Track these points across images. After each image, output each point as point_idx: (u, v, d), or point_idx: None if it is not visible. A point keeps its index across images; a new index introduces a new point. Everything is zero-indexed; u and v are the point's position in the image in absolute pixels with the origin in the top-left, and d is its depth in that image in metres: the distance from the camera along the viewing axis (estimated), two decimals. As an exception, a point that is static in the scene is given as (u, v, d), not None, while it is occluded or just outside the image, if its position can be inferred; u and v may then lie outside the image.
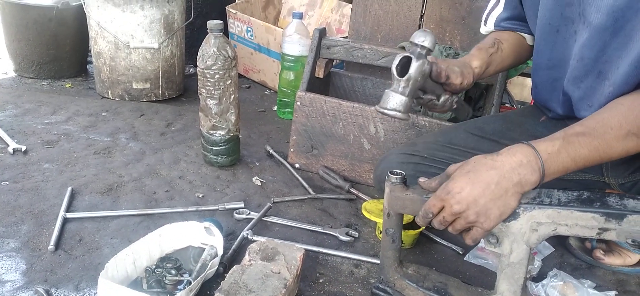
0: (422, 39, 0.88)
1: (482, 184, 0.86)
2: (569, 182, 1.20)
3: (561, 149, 0.87)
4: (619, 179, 1.16)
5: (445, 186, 0.90)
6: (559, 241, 1.41)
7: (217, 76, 1.54)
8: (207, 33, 1.53)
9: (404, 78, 0.89)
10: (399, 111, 0.92)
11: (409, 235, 1.31)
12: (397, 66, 0.89)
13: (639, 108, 0.89)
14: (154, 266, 1.11)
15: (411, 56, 0.88)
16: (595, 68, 1.01)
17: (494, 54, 1.21)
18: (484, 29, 1.33)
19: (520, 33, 1.27)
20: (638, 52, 0.90)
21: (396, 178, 0.97)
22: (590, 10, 0.97)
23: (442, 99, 1.05)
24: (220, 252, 1.14)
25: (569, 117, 1.16)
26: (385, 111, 0.92)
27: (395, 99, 0.91)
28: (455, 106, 1.11)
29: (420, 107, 1.68)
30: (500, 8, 1.27)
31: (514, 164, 0.86)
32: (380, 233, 1.33)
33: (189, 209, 1.41)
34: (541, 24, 1.12)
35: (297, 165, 1.76)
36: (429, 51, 0.90)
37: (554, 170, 0.87)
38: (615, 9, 0.92)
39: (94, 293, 1.07)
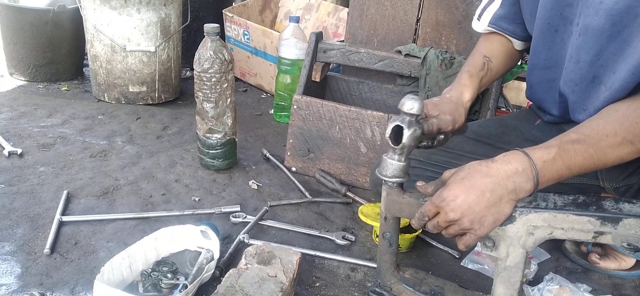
0: (410, 106, 0.91)
1: (477, 192, 0.86)
2: (565, 186, 1.21)
3: (556, 157, 0.87)
4: (614, 183, 1.16)
5: (440, 193, 0.90)
6: (554, 245, 1.42)
7: (213, 80, 1.54)
8: (204, 36, 1.53)
9: (398, 147, 0.93)
10: (400, 177, 0.96)
11: (405, 239, 1.31)
12: (390, 135, 0.92)
13: (633, 115, 0.89)
14: (150, 270, 1.10)
15: (402, 125, 0.90)
16: (591, 72, 1.00)
17: (484, 77, 1.21)
18: (476, 24, 1.30)
19: (510, 37, 1.26)
20: (638, 58, 0.90)
21: (393, 182, 0.97)
22: (588, 13, 0.96)
23: (437, 140, 1.07)
24: (217, 256, 1.14)
25: (564, 119, 1.16)
26: (386, 179, 0.97)
27: (393, 167, 0.96)
28: (450, 137, 1.12)
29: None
30: (496, 4, 1.25)
31: (509, 172, 0.86)
32: (377, 236, 1.33)
33: (185, 212, 1.41)
34: (539, 23, 1.12)
35: (293, 169, 1.76)
36: (418, 116, 0.93)
37: (549, 178, 0.87)
38: (614, 13, 0.91)
39: (90, 297, 1.07)
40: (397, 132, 0.92)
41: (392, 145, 0.93)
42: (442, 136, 1.06)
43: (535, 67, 1.18)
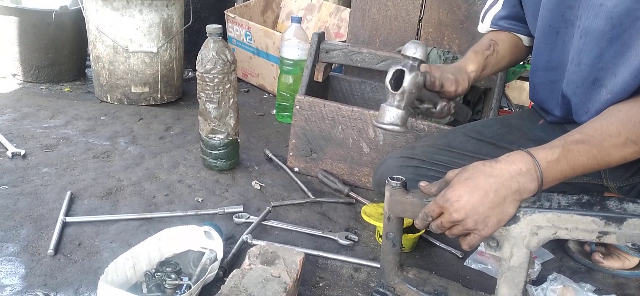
0: (413, 50, 0.88)
1: (481, 192, 0.86)
2: (568, 185, 1.21)
3: (560, 158, 0.87)
4: (618, 183, 1.16)
5: (443, 194, 0.90)
6: (558, 245, 1.42)
7: (216, 80, 1.54)
8: (206, 37, 1.54)
9: (398, 92, 0.90)
10: (397, 125, 0.92)
11: (408, 239, 1.31)
12: (391, 79, 0.90)
13: (636, 115, 0.89)
14: (153, 271, 1.10)
15: (404, 68, 0.89)
16: (591, 75, 1.00)
17: (490, 56, 1.20)
18: (481, 27, 1.32)
19: (517, 34, 1.26)
20: (639, 60, 0.90)
21: (396, 182, 0.97)
22: (588, 15, 0.97)
23: (439, 106, 1.05)
24: (220, 256, 1.14)
25: (567, 120, 1.16)
26: (383, 126, 0.93)
27: (391, 114, 0.92)
28: (453, 111, 1.11)
29: (418, 114, 1.69)
30: (498, 6, 1.26)
31: (513, 172, 0.86)
32: (380, 236, 1.33)
33: (188, 213, 1.41)
34: (541, 25, 1.12)
35: (296, 169, 1.76)
36: (421, 62, 0.91)
37: (553, 178, 0.87)
38: (614, 16, 0.91)
39: (94, 298, 1.07)
40: (398, 78, 0.90)
41: (391, 90, 0.91)
42: (443, 102, 1.05)
43: (538, 68, 1.18)
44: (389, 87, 0.90)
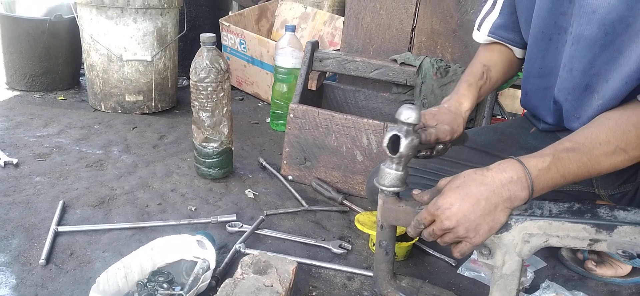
0: (408, 116, 0.91)
1: (472, 200, 0.86)
2: (560, 193, 1.21)
3: (551, 166, 0.87)
4: (609, 190, 1.17)
5: (435, 201, 0.90)
6: (551, 253, 1.42)
7: (210, 89, 1.54)
8: (200, 46, 1.54)
9: (396, 156, 0.93)
10: (398, 187, 0.96)
11: (401, 247, 1.31)
12: (388, 143, 0.92)
13: (626, 123, 0.89)
14: (145, 280, 1.10)
15: (399, 134, 0.90)
16: (583, 81, 1.01)
17: (483, 86, 1.20)
18: (476, 35, 1.31)
19: (511, 46, 1.27)
20: (631, 67, 0.90)
21: (392, 190, 0.97)
22: (581, 22, 0.97)
23: (435, 150, 1.06)
24: (213, 265, 1.14)
25: (559, 127, 1.16)
26: (384, 189, 0.97)
27: (391, 176, 0.96)
28: (449, 147, 1.11)
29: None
30: (495, 13, 1.25)
31: (504, 180, 0.86)
32: (374, 245, 1.33)
33: (181, 222, 1.40)
34: (534, 32, 1.12)
35: (290, 177, 1.76)
36: (415, 125, 0.93)
37: (544, 186, 0.88)
38: (607, 22, 0.92)
39: (85, 308, 1.06)
40: (395, 141, 0.92)
41: (389, 154, 0.93)
42: (441, 146, 1.06)
43: (530, 74, 1.19)
44: (387, 151, 0.93)
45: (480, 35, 1.29)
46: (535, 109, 1.24)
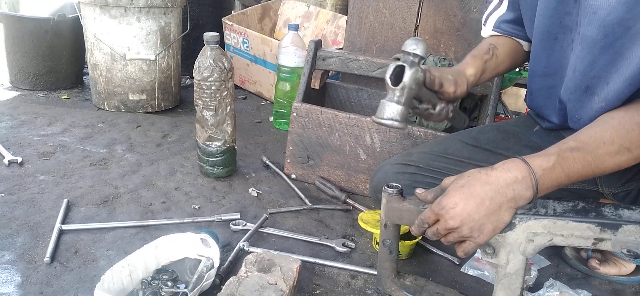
0: (414, 46, 0.88)
1: (476, 200, 0.86)
2: (564, 192, 1.21)
3: (555, 165, 0.87)
4: (613, 189, 1.17)
5: (439, 201, 0.90)
6: (554, 251, 1.42)
7: (213, 88, 1.54)
8: (203, 45, 1.54)
9: (398, 87, 0.89)
10: (396, 120, 0.91)
11: (405, 246, 1.31)
12: (391, 75, 0.90)
13: (630, 123, 0.89)
14: (150, 278, 1.10)
15: (404, 64, 0.89)
16: (584, 82, 1.01)
17: (489, 61, 1.20)
18: (484, 31, 1.31)
19: (518, 39, 1.26)
20: (633, 70, 0.90)
21: (393, 189, 0.97)
22: (583, 22, 0.97)
23: (438, 107, 1.05)
24: (217, 264, 1.14)
25: (563, 126, 1.16)
26: (382, 121, 0.92)
27: (391, 109, 0.91)
28: (451, 115, 1.11)
29: (416, 118, 1.69)
30: (502, 9, 1.25)
31: (508, 180, 0.86)
32: (377, 243, 1.33)
33: (185, 220, 1.41)
34: (539, 31, 1.12)
35: (293, 176, 1.76)
36: (422, 59, 0.91)
37: (548, 186, 0.88)
38: (606, 24, 0.92)
39: (90, 306, 1.07)
40: (399, 74, 0.89)
41: (391, 86, 0.90)
42: (442, 104, 1.05)
43: (535, 74, 1.19)
44: (389, 82, 0.89)
45: (486, 30, 1.30)
46: (540, 108, 1.23)
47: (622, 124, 0.90)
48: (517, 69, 1.41)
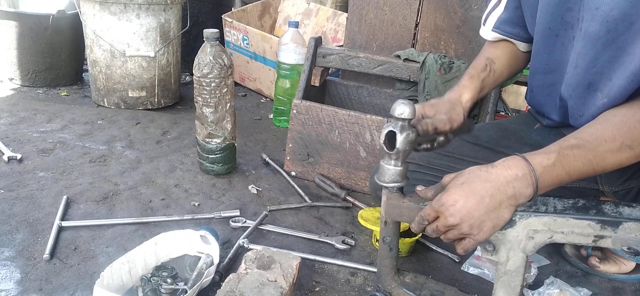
0: (401, 111, 0.90)
1: (476, 197, 0.86)
2: (564, 190, 1.21)
3: (556, 163, 0.86)
4: (613, 187, 1.16)
5: (439, 198, 0.90)
6: (554, 249, 1.42)
7: (213, 85, 1.54)
8: (203, 41, 1.54)
9: (393, 152, 0.92)
10: (397, 182, 0.96)
11: (405, 243, 1.31)
12: (385, 140, 0.92)
13: (631, 120, 0.89)
14: (149, 275, 1.10)
15: (394, 130, 0.90)
16: (586, 78, 1.00)
17: (486, 78, 1.20)
18: (483, 31, 1.29)
19: (516, 41, 1.26)
20: (636, 65, 0.89)
21: (392, 187, 0.97)
22: (586, 18, 0.96)
23: (437, 142, 1.06)
24: (216, 261, 1.14)
25: (564, 124, 1.16)
26: (385, 185, 0.97)
27: (391, 172, 0.95)
28: (452, 138, 1.11)
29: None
30: (501, 8, 1.24)
31: (509, 178, 0.86)
32: (377, 241, 1.33)
33: (185, 217, 1.40)
34: (540, 28, 1.11)
35: (293, 173, 1.76)
36: (410, 120, 0.92)
37: (549, 183, 0.87)
38: (609, 20, 0.91)
39: (89, 302, 1.06)
40: (391, 137, 0.92)
41: (387, 151, 0.93)
42: (442, 138, 1.05)
43: (537, 71, 1.18)
44: (384, 147, 0.92)
45: (486, 30, 1.28)
46: (540, 106, 1.23)
47: (624, 122, 0.89)
48: (526, 65, 1.40)
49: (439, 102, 1.09)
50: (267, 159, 1.84)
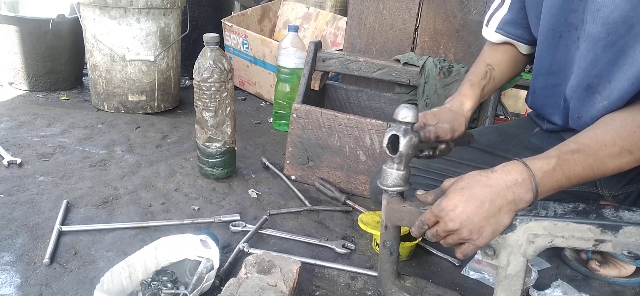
0: (405, 115, 0.91)
1: (476, 202, 0.86)
2: (563, 194, 1.21)
3: (556, 167, 0.87)
4: (613, 191, 1.17)
5: (439, 202, 0.90)
6: (554, 253, 1.42)
7: (213, 89, 1.54)
8: (203, 46, 1.54)
9: (396, 156, 0.93)
10: (401, 186, 0.96)
11: (405, 247, 1.31)
12: (388, 143, 0.92)
13: (631, 125, 0.89)
14: (149, 279, 1.10)
15: (398, 133, 0.91)
16: (585, 81, 1.01)
17: (487, 85, 1.20)
18: (485, 31, 1.29)
19: (518, 42, 1.25)
20: (637, 68, 0.89)
21: (394, 191, 0.97)
22: (588, 19, 0.97)
23: (438, 150, 1.06)
24: (216, 265, 1.14)
25: (565, 128, 1.16)
26: (388, 189, 0.97)
27: (393, 176, 0.96)
28: (453, 147, 1.11)
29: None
30: (504, 9, 1.24)
31: (508, 183, 0.86)
32: (377, 245, 1.33)
33: (185, 221, 1.40)
34: (544, 29, 1.11)
35: (293, 177, 1.76)
36: (413, 124, 0.92)
37: (549, 188, 0.87)
38: (610, 22, 0.91)
39: (89, 307, 1.06)
40: (394, 141, 0.92)
41: (389, 154, 0.94)
42: (443, 146, 1.06)
43: (540, 72, 1.18)
44: (387, 151, 0.93)
45: (489, 31, 1.27)
46: (542, 108, 1.23)
47: (624, 126, 0.89)
48: (526, 69, 1.40)
49: (441, 111, 1.09)
50: (267, 163, 1.84)
